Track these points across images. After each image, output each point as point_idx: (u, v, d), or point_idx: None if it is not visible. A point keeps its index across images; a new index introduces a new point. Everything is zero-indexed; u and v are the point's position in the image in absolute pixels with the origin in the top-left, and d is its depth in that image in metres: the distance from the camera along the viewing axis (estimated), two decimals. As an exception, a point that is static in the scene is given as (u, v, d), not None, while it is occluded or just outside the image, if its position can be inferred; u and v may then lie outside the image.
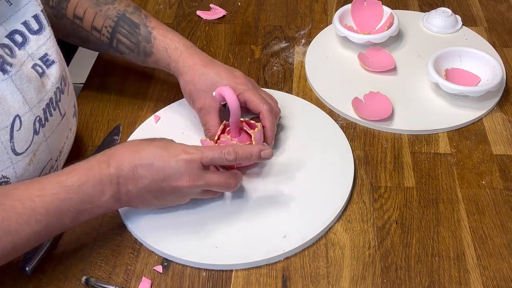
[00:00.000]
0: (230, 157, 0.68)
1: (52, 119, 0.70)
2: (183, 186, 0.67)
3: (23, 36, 0.68)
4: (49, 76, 0.70)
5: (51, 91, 0.69)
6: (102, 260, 0.70)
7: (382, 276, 0.68)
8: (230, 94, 0.73)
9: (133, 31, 0.83)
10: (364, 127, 0.87)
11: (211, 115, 0.79)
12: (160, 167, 0.66)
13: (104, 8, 0.83)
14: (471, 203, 0.76)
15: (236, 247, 0.70)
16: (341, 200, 0.75)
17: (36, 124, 0.67)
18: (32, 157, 0.67)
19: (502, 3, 1.12)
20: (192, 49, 0.82)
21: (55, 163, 0.73)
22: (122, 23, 0.83)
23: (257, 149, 0.70)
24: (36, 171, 0.68)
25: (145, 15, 0.85)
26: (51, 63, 0.71)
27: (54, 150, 0.71)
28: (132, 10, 0.84)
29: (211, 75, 0.79)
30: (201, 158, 0.67)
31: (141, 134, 0.85)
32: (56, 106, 0.71)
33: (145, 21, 0.83)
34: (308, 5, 1.13)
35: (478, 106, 0.88)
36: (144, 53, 0.83)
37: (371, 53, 0.97)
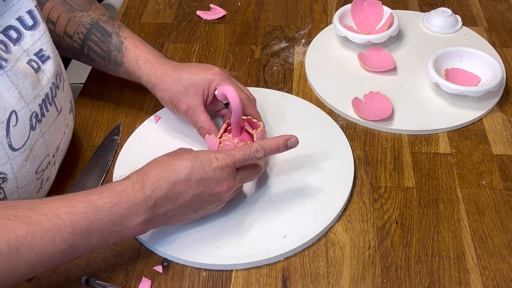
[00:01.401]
0: (260, 154, 0.68)
1: (49, 114, 0.69)
2: (223, 191, 0.67)
3: (18, 31, 0.68)
4: (44, 72, 0.70)
5: (47, 86, 0.69)
6: (102, 260, 0.70)
7: (382, 276, 0.68)
8: (232, 93, 0.73)
9: (105, 40, 0.82)
10: (364, 127, 0.87)
11: (198, 112, 0.78)
12: (198, 179, 0.65)
13: (78, 15, 0.83)
14: (471, 203, 0.76)
15: (236, 247, 0.70)
16: (341, 200, 0.75)
17: (32, 120, 0.66)
18: (29, 153, 0.66)
19: (502, 3, 1.12)
20: (161, 59, 0.82)
21: (52, 159, 0.72)
22: (94, 31, 0.82)
23: (282, 140, 0.70)
24: (33, 167, 0.68)
25: (119, 25, 0.84)
26: (46, 58, 0.70)
27: (51, 145, 0.71)
28: (105, 19, 0.84)
29: (185, 75, 0.79)
30: (234, 162, 0.67)
31: (141, 134, 0.85)
32: (52, 102, 0.70)
33: (117, 31, 0.83)
34: (308, 5, 1.13)
35: (478, 106, 0.88)
36: (115, 62, 0.83)
37: (371, 53, 0.97)
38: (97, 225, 0.60)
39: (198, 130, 0.79)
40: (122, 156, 0.82)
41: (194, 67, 0.81)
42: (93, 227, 0.60)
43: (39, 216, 0.58)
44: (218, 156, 0.66)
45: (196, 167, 0.65)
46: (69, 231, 0.58)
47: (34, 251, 0.56)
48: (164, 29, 1.08)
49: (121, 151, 0.83)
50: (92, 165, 0.82)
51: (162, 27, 1.08)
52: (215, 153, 0.67)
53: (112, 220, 0.61)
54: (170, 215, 0.66)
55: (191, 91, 0.78)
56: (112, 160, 0.82)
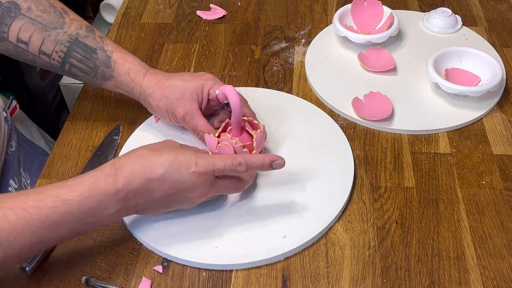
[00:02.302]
0: (242, 168, 0.67)
1: None
2: (195, 197, 0.67)
3: None
4: None
5: None
6: (102, 260, 0.70)
7: (382, 276, 0.68)
8: (233, 93, 0.73)
9: (90, 56, 0.80)
10: (364, 127, 0.87)
11: (196, 117, 0.79)
12: (172, 181, 0.65)
13: (53, 33, 0.79)
14: (471, 203, 0.76)
15: (236, 247, 0.70)
16: (341, 200, 0.75)
17: None
18: None
19: (502, 3, 1.12)
20: (152, 70, 0.82)
21: None
22: (76, 48, 0.80)
23: (268, 159, 0.69)
24: None
25: (100, 37, 0.82)
26: None
27: None
28: (85, 34, 0.81)
29: (179, 82, 0.79)
30: (213, 170, 0.66)
31: (141, 134, 0.85)
32: None
33: (102, 45, 0.81)
34: (308, 5, 1.13)
35: (478, 106, 0.88)
36: (102, 77, 0.81)
37: (371, 53, 0.97)
38: (67, 217, 0.60)
39: (198, 135, 0.80)
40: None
41: (186, 74, 0.82)
42: (63, 219, 0.60)
43: (5, 210, 0.58)
44: (199, 161, 0.66)
45: (173, 168, 0.65)
46: (37, 224, 0.58)
47: (2, 245, 0.57)
48: (164, 29, 1.08)
49: (121, 151, 0.83)
50: (92, 165, 0.82)
51: (162, 27, 1.08)
52: (196, 158, 0.66)
53: (82, 213, 0.61)
54: (140, 208, 0.66)
55: (187, 97, 0.79)
56: None
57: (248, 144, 0.75)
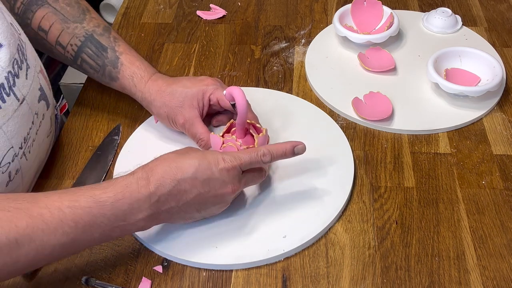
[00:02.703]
0: (266, 158, 0.68)
1: (6, 105, 0.67)
2: (228, 193, 0.67)
3: None
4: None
5: (1, 76, 0.66)
6: (102, 260, 0.70)
7: (382, 276, 0.68)
8: (240, 95, 0.73)
9: (100, 54, 0.82)
10: (364, 127, 0.87)
11: (196, 125, 0.79)
12: (204, 179, 0.65)
13: (72, 26, 0.82)
14: (471, 203, 0.76)
15: (236, 247, 0.70)
16: (341, 200, 0.75)
17: None
18: None
19: (502, 3, 1.12)
20: (155, 75, 0.82)
21: (19, 150, 0.70)
22: (89, 44, 0.82)
23: (290, 145, 0.70)
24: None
25: (114, 38, 0.83)
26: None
27: (14, 137, 0.68)
28: (101, 32, 0.83)
29: (179, 89, 0.79)
30: (240, 164, 0.67)
31: (141, 134, 0.85)
32: (10, 92, 0.67)
33: (113, 45, 0.82)
34: (308, 5, 1.13)
35: (478, 106, 0.88)
36: (110, 76, 0.83)
37: (371, 53, 0.97)
38: (100, 219, 0.60)
39: (197, 142, 0.80)
40: (122, 156, 0.82)
41: (187, 80, 0.81)
42: (95, 221, 0.60)
43: (40, 209, 0.57)
44: (225, 157, 0.66)
45: (203, 167, 0.65)
46: (71, 225, 0.58)
47: (35, 243, 0.56)
48: (164, 29, 1.08)
49: (121, 151, 0.83)
50: (92, 165, 0.82)
51: (162, 27, 1.08)
52: (222, 154, 0.67)
53: (115, 215, 0.61)
54: (173, 213, 0.65)
55: (186, 104, 0.79)
56: (112, 160, 0.82)
57: (251, 147, 0.75)
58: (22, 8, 0.82)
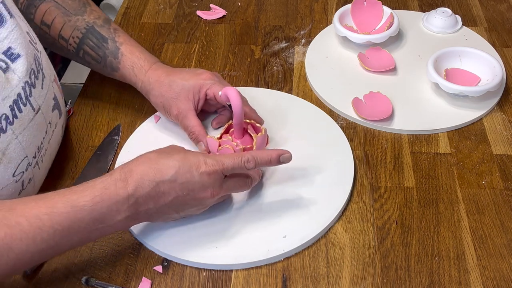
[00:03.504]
0: (250, 165, 0.67)
1: (23, 115, 0.67)
2: (207, 197, 0.66)
3: None
4: (14, 71, 0.67)
5: (18, 86, 0.66)
6: (102, 260, 0.70)
7: (382, 276, 0.68)
8: (234, 95, 0.73)
9: (101, 45, 0.83)
10: (364, 127, 0.87)
11: (188, 117, 0.79)
12: (183, 182, 0.64)
13: (73, 19, 0.83)
14: (471, 203, 0.76)
15: (236, 247, 0.70)
16: (341, 200, 0.75)
17: (2, 123, 0.64)
18: (1, 156, 0.64)
19: (502, 3, 1.12)
20: (155, 65, 0.82)
21: (33, 160, 0.70)
22: (90, 36, 0.83)
23: (275, 153, 0.69)
24: (9, 170, 0.66)
25: (114, 29, 0.84)
26: (16, 56, 0.67)
27: (29, 147, 0.69)
28: (101, 23, 0.84)
29: (177, 81, 0.79)
30: (223, 169, 0.66)
31: (141, 134, 0.85)
32: (27, 102, 0.68)
33: (113, 36, 0.83)
34: (308, 5, 1.13)
35: (478, 106, 0.88)
36: (111, 67, 0.83)
37: (371, 53, 0.97)
38: (78, 224, 0.59)
39: (189, 134, 0.80)
40: (122, 156, 0.82)
41: (186, 72, 0.81)
42: (73, 226, 0.59)
43: (17, 217, 0.57)
44: (207, 161, 0.65)
45: (183, 170, 0.64)
46: (49, 231, 0.58)
47: (14, 252, 0.56)
48: (164, 29, 1.08)
49: (121, 151, 0.83)
50: (92, 165, 0.82)
51: (162, 27, 1.08)
52: (205, 157, 0.66)
53: (94, 219, 0.60)
54: (152, 213, 0.65)
55: (182, 97, 0.79)
56: (112, 160, 0.82)
57: (249, 147, 0.75)
58: (25, 3, 0.83)
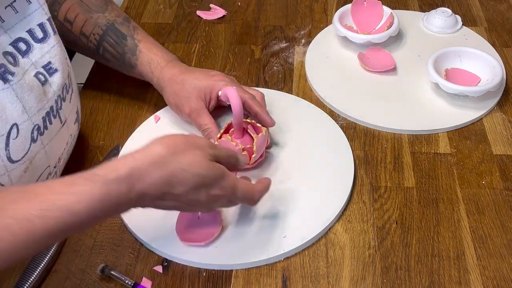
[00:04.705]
0: None
1: (52, 127, 0.70)
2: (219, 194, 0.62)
3: (27, 44, 0.68)
4: (51, 84, 0.70)
5: (52, 99, 0.69)
6: (102, 260, 0.70)
7: (382, 276, 0.68)
8: (234, 95, 0.73)
9: (120, 42, 0.84)
10: (364, 127, 0.87)
11: (202, 115, 0.80)
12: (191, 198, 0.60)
13: (95, 16, 0.84)
14: (471, 203, 0.76)
15: (236, 247, 0.70)
16: (341, 200, 0.75)
17: (34, 133, 0.66)
18: (29, 165, 0.66)
19: (502, 3, 1.12)
20: (172, 62, 0.83)
21: (54, 169, 0.72)
22: (110, 33, 0.84)
23: None
24: (32, 178, 0.67)
25: (134, 27, 0.86)
26: (54, 71, 0.70)
27: (52, 157, 0.71)
28: (121, 21, 0.85)
29: (190, 80, 0.80)
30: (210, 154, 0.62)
31: (141, 134, 0.85)
32: (57, 114, 0.71)
33: (132, 33, 0.85)
34: (308, 5, 1.13)
35: (478, 106, 0.88)
36: (129, 64, 0.85)
37: (371, 53, 0.97)
38: (73, 226, 0.55)
39: (202, 132, 0.80)
40: (122, 156, 0.82)
41: (199, 72, 0.82)
42: (68, 229, 0.55)
43: (6, 219, 0.52)
44: None
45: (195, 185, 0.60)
46: (42, 234, 0.53)
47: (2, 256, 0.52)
48: (164, 29, 1.08)
49: (121, 151, 0.83)
50: None
51: (162, 27, 1.08)
52: None
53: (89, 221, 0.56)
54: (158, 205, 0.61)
55: (194, 96, 0.80)
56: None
57: (248, 147, 0.75)
58: (50, 0, 0.84)
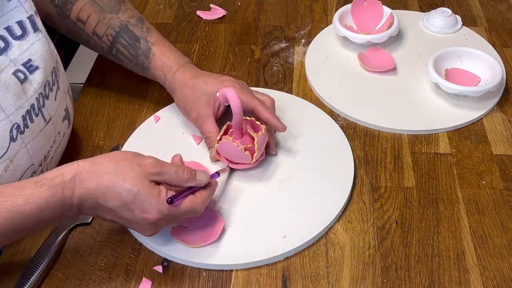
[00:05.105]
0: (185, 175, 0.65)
1: (34, 125, 0.68)
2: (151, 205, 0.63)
3: (5, 41, 0.67)
4: (31, 82, 0.69)
5: (32, 97, 0.68)
6: (102, 260, 0.70)
7: (382, 276, 0.68)
8: (233, 95, 0.73)
9: (134, 44, 0.83)
10: (364, 127, 0.87)
11: (207, 122, 0.80)
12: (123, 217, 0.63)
13: (108, 17, 0.84)
14: (471, 203, 0.76)
15: (236, 247, 0.70)
16: (341, 200, 0.75)
17: (13, 131, 0.65)
18: (9, 164, 0.65)
19: (502, 3, 1.12)
20: (184, 66, 0.83)
21: (38, 168, 0.71)
22: (123, 34, 0.83)
23: None
24: (13, 177, 0.67)
25: (147, 29, 0.85)
26: (34, 68, 0.69)
27: (36, 155, 0.70)
28: (135, 22, 0.85)
29: (199, 85, 0.80)
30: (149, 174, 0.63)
31: (141, 134, 0.85)
32: (39, 112, 0.69)
33: (146, 35, 0.84)
34: (308, 5, 1.13)
35: (478, 106, 0.88)
36: (142, 67, 0.84)
37: (371, 53, 0.97)
38: (23, 226, 0.59)
39: (205, 139, 0.80)
40: (122, 156, 0.82)
41: (210, 77, 0.81)
42: (18, 229, 0.59)
43: None
44: None
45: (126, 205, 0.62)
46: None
47: None
48: (164, 29, 1.08)
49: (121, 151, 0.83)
50: None
51: (162, 27, 1.08)
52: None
53: (40, 222, 0.60)
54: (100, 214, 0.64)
55: (202, 101, 0.80)
56: None
57: (250, 146, 0.75)
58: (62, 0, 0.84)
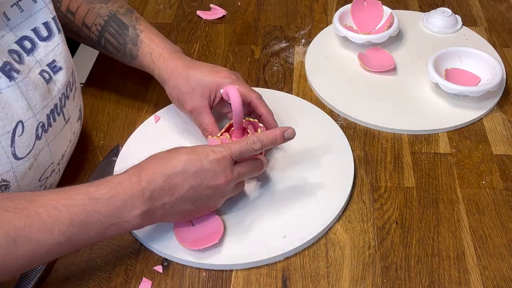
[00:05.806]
0: (256, 146, 0.68)
1: (56, 124, 0.70)
2: (221, 184, 0.66)
3: (32, 42, 0.69)
4: (55, 82, 0.70)
5: (56, 97, 0.70)
6: (102, 260, 0.70)
7: (382, 276, 0.68)
8: (234, 94, 0.73)
9: (122, 32, 0.83)
10: (364, 127, 0.87)
11: (203, 114, 0.79)
12: (194, 171, 0.65)
13: (97, 6, 0.84)
14: (471, 203, 0.76)
15: (236, 247, 0.70)
16: (341, 200, 0.75)
17: (38, 130, 0.67)
18: (33, 162, 0.67)
19: (502, 3, 1.12)
20: (175, 54, 0.81)
21: (57, 166, 0.73)
22: (111, 23, 0.83)
23: (279, 131, 0.70)
24: (36, 175, 0.68)
25: (136, 18, 0.85)
26: (58, 69, 0.71)
27: (56, 154, 0.71)
28: (124, 12, 0.84)
29: (195, 75, 0.79)
30: (231, 154, 0.67)
31: (141, 134, 0.85)
32: (61, 112, 0.71)
33: (134, 23, 0.83)
34: (308, 5, 1.13)
35: (478, 106, 0.88)
36: (130, 55, 0.83)
37: (371, 53, 0.97)
38: (95, 217, 0.60)
39: (202, 131, 0.80)
40: (122, 156, 0.82)
41: (205, 67, 0.80)
42: (90, 219, 0.60)
43: (37, 208, 0.58)
44: (215, 149, 0.67)
45: (192, 160, 0.65)
46: (67, 223, 0.58)
47: (32, 242, 0.57)
48: (164, 29, 1.08)
49: (121, 151, 0.83)
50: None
51: (162, 27, 1.08)
52: (212, 147, 0.67)
53: (110, 212, 0.61)
54: (168, 208, 0.65)
55: (198, 93, 0.78)
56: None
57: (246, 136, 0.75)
58: None
